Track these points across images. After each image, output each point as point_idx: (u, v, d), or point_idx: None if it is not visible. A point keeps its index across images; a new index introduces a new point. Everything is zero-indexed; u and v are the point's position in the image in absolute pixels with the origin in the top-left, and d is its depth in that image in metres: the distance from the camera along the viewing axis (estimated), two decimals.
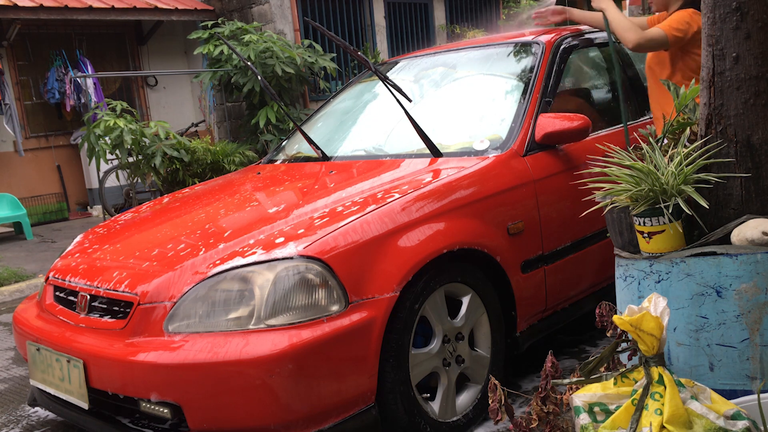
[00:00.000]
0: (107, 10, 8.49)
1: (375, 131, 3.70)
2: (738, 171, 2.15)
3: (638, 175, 2.16)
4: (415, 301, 2.48)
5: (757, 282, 1.98)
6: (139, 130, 6.38)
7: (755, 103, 2.13)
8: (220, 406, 2.22)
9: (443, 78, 3.71)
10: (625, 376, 1.94)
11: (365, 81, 4.16)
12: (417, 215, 2.59)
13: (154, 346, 2.32)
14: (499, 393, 2.10)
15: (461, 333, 2.68)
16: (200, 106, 10.30)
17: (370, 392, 2.38)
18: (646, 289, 2.13)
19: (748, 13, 2.11)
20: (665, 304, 1.86)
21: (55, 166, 9.28)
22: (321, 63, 8.43)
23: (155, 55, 10.03)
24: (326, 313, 2.30)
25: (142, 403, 2.36)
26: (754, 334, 2.00)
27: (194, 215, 3.06)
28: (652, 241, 2.13)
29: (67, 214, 9.32)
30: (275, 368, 2.19)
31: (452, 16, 11.55)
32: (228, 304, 2.33)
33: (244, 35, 8.14)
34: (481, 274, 2.75)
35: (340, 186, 3.01)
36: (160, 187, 6.63)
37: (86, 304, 2.62)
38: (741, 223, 2.10)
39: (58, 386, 2.60)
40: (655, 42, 3.00)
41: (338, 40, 3.27)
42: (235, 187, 3.49)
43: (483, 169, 2.87)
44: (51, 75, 8.95)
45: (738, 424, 1.78)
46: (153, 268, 2.54)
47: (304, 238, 2.41)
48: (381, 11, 10.47)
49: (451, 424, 2.62)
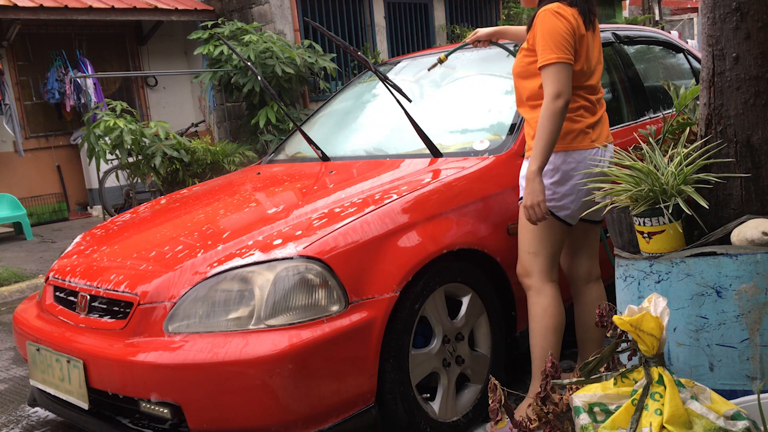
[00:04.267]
0: (107, 10, 8.49)
1: (375, 131, 3.70)
2: (738, 171, 2.15)
3: (638, 175, 2.16)
4: (415, 302, 2.48)
5: (757, 282, 1.98)
6: (139, 131, 6.38)
7: (755, 103, 2.13)
8: (220, 407, 2.22)
9: (443, 78, 3.71)
10: (625, 377, 1.94)
11: (365, 81, 4.16)
12: (417, 215, 2.59)
13: (154, 346, 2.32)
14: (499, 393, 2.10)
15: (461, 333, 2.68)
16: (200, 107, 10.30)
17: (370, 392, 2.38)
18: (646, 289, 2.13)
19: (748, 14, 2.11)
20: (665, 304, 1.86)
21: (55, 166, 9.28)
22: (321, 63, 8.43)
23: (155, 55, 10.03)
24: (326, 314, 2.30)
25: (142, 403, 2.36)
26: (754, 335, 2.00)
27: (194, 215, 3.06)
28: (652, 241, 2.13)
29: (67, 214, 9.32)
30: (275, 368, 2.19)
31: (452, 16, 11.55)
32: (228, 304, 2.33)
33: (244, 35, 8.15)
34: (481, 274, 2.75)
35: (340, 186, 3.01)
36: (160, 187, 6.63)
37: (86, 305, 2.62)
38: (741, 223, 2.10)
39: (58, 386, 2.60)
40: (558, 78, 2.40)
41: (338, 41, 3.27)
42: (235, 188, 3.49)
43: (483, 169, 2.87)
44: (51, 75, 8.95)
45: (738, 424, 1.78)
46: (153, 269, 2.54)
47: (304, 239, 2.41)
48: (381, 11, 10.47)
49: (451, 424, 2.62)
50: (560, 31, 2.40)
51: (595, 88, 2.61)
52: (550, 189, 2.53)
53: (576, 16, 2.47)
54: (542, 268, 2.58)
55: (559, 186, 2.54)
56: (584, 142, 2.54)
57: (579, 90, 2.54)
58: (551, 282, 2.61)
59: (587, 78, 2.56)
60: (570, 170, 2.53)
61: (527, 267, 2.61)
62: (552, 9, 2.43)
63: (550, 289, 2.59)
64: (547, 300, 2.58)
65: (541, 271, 2.59)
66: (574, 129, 2.53)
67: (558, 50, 2.39)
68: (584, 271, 2.76)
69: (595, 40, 2.61)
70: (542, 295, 2.58)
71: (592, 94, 2.60)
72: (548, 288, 2.59)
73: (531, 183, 2.41)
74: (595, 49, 2.61)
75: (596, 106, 2.61)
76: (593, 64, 2.59)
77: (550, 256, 2.59)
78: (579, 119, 2.54)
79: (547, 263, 2.59)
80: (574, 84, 2.49)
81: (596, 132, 2.58)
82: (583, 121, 2.55)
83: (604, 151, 2.58)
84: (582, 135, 2.54)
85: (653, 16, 17.15)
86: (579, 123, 2.54)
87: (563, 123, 2.43)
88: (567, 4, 2.47)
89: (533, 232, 2.57)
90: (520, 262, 2.64)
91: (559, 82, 2.38)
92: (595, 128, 2.58)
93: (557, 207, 2.55)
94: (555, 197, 2.54)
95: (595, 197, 2.41)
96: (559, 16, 2.42)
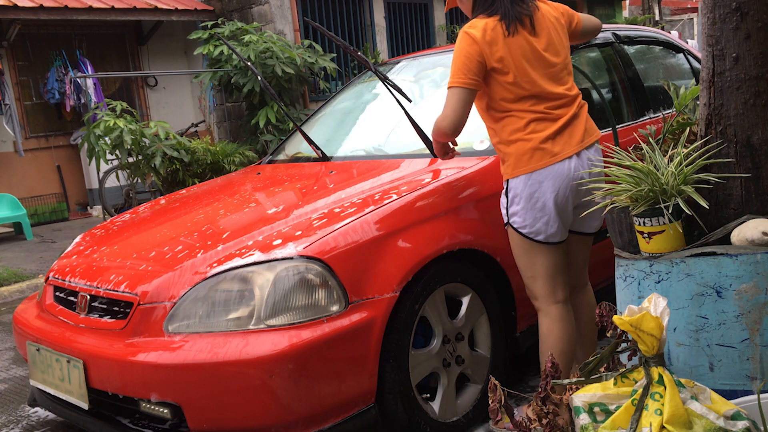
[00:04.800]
0: (107, 10, 8.49)
1: (375, 131, 3.70)
2: (738, 171, 2.15)
3: (638, 175, 2.16)
4: (415, 302, 2.48)
5: (757, 282, 1.98)
6: (139, 131, 6.38)
7: (755, 103, 2.13)
8: (220, 407, 2.22)
9: (443, 78, 3.71)
10: (625, 377, 1.94)
11: (365, 81, 4.16)
12: (417, 215, 2.59)
13: (154, 346, 2.32)
14: (499, 393, 2.10)
15: (461, 333, 2.68)
16: (200, 107, 10.30)
17: (370, 392, 2.38)
18: (646, 289, 2.13)
19: (748, 14, 2.11)
20: (665, 304, 1.86)
21: (55, 167, 9.28)
22: (321, 63, 8.43)
23: (155, 55, 10.03)
24: (326, 314, 2.30)
25: (142, 403, 2.36)
26: (754, 335, 2.00)
27: (194, 216, 3.06)
28: (652, 241, 2.13)
29: (67, 214, 9.32)
30: (275, 368, 2.19)
31: (452, 17, 11.55)
32: (228, 304, 2.33)
33: (244, 35, 8.15)
34: (481, 274, 2.75)
35: (340, 186, 3.01)
36: (160, 187, 6.63)
37: (86, 305, 2.62)
38: (741, 223, 2.10)
39: (58, 386, 2.60)
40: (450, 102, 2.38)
41: (338, 41, 3.27)
42: (235, 188, 3.49)
43: (483, 169, 2.87)
44: (51, 75, 8.95)
45: (738, 425, 1.78)
46: (153, 269, 2.54)
47: (304, 239, 2.41)
48: (381, 11, 10.47)
49: (451, 424, 2.62)
50: (462, 54, 2.37)
51: (546, 94, 2.41)
52: (521, 216, 2.44)
53: (492, 26, 2.38)
54: (544, 290, 2.51)
55: (528, 211, 2.43)
56: (543, 160, 2.38)
57: (523, 103, 2.39)
58: (556, 303, 2.52)
59: (527, 88, 2.39)
60: (534, 192, 2.41)
61: (531, 290, 2.56)
62: (463, 30, 2.42)
63: (555, 311, 2.51)
64: (554, 323, 2.51)
65: (544, 294, 2.52)
66: (527, 148, 2.39)
67: (456, 74, 2.37)
68: (574, 279, 2.69)
69: (536, 42, 2.42)
70: (548, 317, 2.52)
71: (543, 102, 2.40)
72: (553, 309, 2.51)
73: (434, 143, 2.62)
74: (535, 51, 2.41)
75: (554, 113, 2.41)
76: (532, 68, 2.40)
77: (548, 277, 2.50)
78: (530, 137, 2.39)
79: (548, 285, 2.51)
80: (514, 97, 2.39)
81: (559, 143, 2.39)
82: (536, 137, 2.38)
83: (576, 161, 2.41)
84: (539, 152, 2.38)
85: (653, 16, 17.15)
86: (530, 141, 2.39)
87: (519, 144, 2.40)
88: (486, 15, 2.42)
89: (523, 259, 2.52)
90: (525, 286, 2.59)
91: (449, 105, 2.38)
92: (557, 139, 2.40)
93: (533, 232, 2.44)
94: (527, 223, 2.44)
95: (595, 197, 2.41)
96: (467, 37, 2.38)
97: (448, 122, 2.40)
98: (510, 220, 2.50)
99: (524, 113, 2.41)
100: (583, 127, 2.49)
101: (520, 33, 2.40)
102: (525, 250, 2.49)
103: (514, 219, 2.48)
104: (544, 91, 2.41)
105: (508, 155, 2.45)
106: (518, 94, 2.40)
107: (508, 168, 2.46)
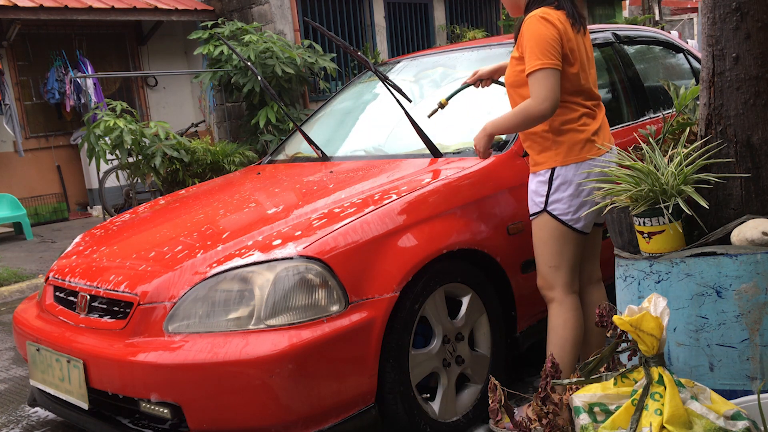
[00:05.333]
0: (107, 11, 8.49)
1: (375, 131, 3.70)
2: (738, 171, 2.15)
3: (638, 175, 2.16)
4: (415, 302, 2.48)
5: (757, 282, 1.98)
6: (139, 131, 6.38)
7: (755, 103, 2.13)
8: (220, 407, 2.22)
9: (443, 78, 3.71)
10: (625, 377, 1.94)
11: (365, 81, 4.16)
12: (417, 215, 2.59)
13: (154, 346, 2.32)
14: (499, 393, 2.10)
15: (461, 333, 2.68)
16: (200, 107, 10.30)
17: (370, 392, 2.38)
18: (646, 289, 2.13)
19: (748, 14, 2.11)
20: (665, 304, 1.86)
21: (55, 167, 9.28)
22: (321, 63, 8.43)
23: (155, 55, 10.03)
24: (326, 314, 2.30)
25: (142, 403, 2.36)
26: (754, 335, 2.00)
27: (194, 216, 3.06)
28: (652, 241, 2.13)
29: (67, 214, 9.32)
30: (275, 368, 2.19)
31: (452, 17, 11.55)
32: (228, 304, 2.33)
33: (244, 35, 8.15)
34: (481, 274, 2.75)
35: (339, 186, 3.01)
36: (160, 187, 6.63)
37: (86, 305, 2.62)
38: (741, 223, 2.10)
39: (58, 386, 2.60)
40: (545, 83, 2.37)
41: (338, 41, 3.27)
42: (235, 188, 3.49)
43: (483, 169, 2.87)
44: (51, 75, 8.95)
45: (738, 425, 1.78)
46: (153, 269, 2.54)
47: (304, 239, 2.41)
48: (381, 11, 10.47)
49: (451, 424, 2.62)
50: (546, 37, 2.37)
51: (592, 93, 2.58)
52: (566, 203, 2.51)
53: (563, 19, 2.44)
54: (565, 280, 2.57)
55: (574, 198, 2.51)
56: (592, 151, 2.51)
57: (577, 96, 2.51)
58: (573, 293, 2.59)
59: (584, 81, 2.53)
60: (582, 181, 2.51)
61: (549, 280, 2.59)
62: (538, 15, 2.41)
63: (571, 301, 2.58)
64: (569, 313, 2.57)
65: (564, 284, 2.57)
66: (581, 139, 2.50)
67: (543, 56, 2.36)
68: (587, 273, 2.75)
69: (586, 43, 2.57)
70: (564, 307, 2.57)
71: (590, 99, 2.56)
72: (570, 300, 2.58)
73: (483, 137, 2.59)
74: (587, 52, 2.57)
75: (596, 111, 2.59)
76: (586, 66, 2.55)
77: (570, 267, 2.58)
78: (583, 128, 2.52)
79: (569, 275, 2.58)
80: (573, 89, 2.49)
81: (600, 138, 2.56)
82: (587, 129, 2.52)
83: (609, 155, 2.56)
84: (589, 144, 2.51)
85: (653, 16, 17.14)
86: (584, 132, 2.51)
87: (571, 134, 2.49)
88: (554, 8, 2.45)
89: (552, 247, 2.56)
90: (541, 275, 2.62)
91: (546, 87, 2.36)
92: (599, 134, 2.56)
93: (573, 220, 2.52)
94: (570, 210, 2.52)
95: (596, 198, 2.41)
96: (545, 22, 2.39)
97: (548, 104, 2.37)
98: (549, 207, 2.54)
99: (578, 106, 2.52)
100: (608, 128, 2.67)
101: (580, 32, 2.52)
102: (557, 238, 2.54)
103: (555, 206, 2.53)
104: (591, 90, 2.57)
105: (559, 144, 2.52)
106: (577, 87, 2.51)
107: (557, 156, 2.52)
